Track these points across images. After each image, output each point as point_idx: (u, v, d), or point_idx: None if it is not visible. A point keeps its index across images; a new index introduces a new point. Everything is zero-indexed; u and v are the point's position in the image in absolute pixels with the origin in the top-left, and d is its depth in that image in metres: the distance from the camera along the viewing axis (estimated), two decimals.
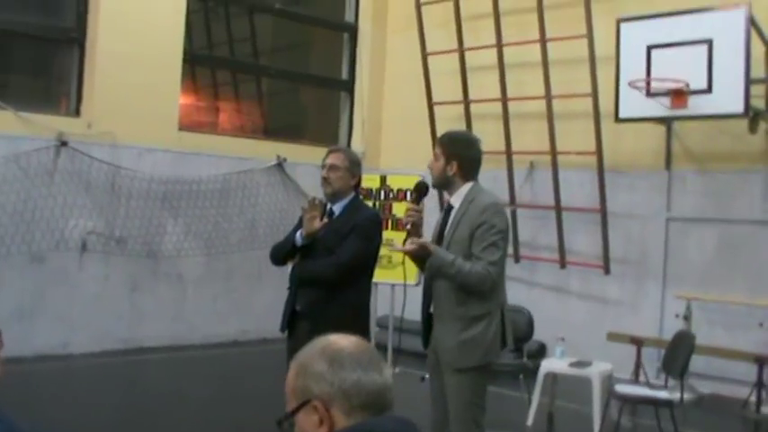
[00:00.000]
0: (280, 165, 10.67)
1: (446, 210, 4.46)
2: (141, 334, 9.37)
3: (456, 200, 4.39)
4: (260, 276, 10.18)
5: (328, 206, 4.74)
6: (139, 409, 7.04)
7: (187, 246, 9.81)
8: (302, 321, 4.63)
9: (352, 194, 4.79)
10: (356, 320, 4.59)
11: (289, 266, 4.82)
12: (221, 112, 11.69)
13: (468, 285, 4.17)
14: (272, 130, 11.57)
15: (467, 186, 4.38)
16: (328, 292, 4.55)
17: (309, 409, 1.78)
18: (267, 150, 10.67)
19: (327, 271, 4.54)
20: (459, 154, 4.40)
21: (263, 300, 10.10)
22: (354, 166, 4.78)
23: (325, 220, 4.62)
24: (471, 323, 4.23)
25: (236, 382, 8.30)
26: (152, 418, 6.74)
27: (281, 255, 4.85)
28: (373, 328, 9.13)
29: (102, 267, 9.11)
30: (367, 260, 4.71)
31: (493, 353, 4.30)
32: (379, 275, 8.59)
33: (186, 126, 10.07)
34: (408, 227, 4.30)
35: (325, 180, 4.71)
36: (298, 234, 4.67)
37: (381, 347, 8.97)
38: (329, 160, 4.73)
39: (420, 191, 4.45)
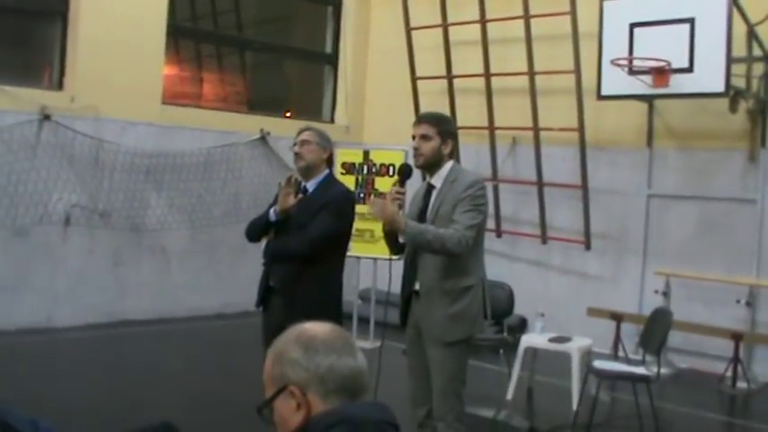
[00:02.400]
0: (263, 138, 10.66)
1: (426, 189, 4.52)
2: (125, 307, 9.38)
3: (437, 180, 4.47)
4: (243, 250, 10.08)
5: (302, 184, 4.78)
6: (123, 381, 7.08)
7: (171, 219, 9.82)
8: (276, 297, 4.70)
9: (326, 171, 4.82)
10: (327, 296, 4.66)
11: (263, 243, 4.85)
12: (205, 85, 11.65)
13: (444, 249, 4.24)
14: (255, 103, 11.54)
15: (448, 165, 4.48)
16: (300, 268, 4.58)
17: (287, 395, 1.83)
18: (251, 124, 10.66)
19: (299, 247, 4.57)
20: (452, 132, 4.52)
21: (247, 273, 10.05)
22: (325, 140, 4.82)
23: (300, 196, 4.68)
24: (458, 297, 4.35)
25: (219, 354, 8.37)
26: (135, 390, 6.80)
27: (255, 231, 4.88)
28: (356, 302, 9.22)
29: (85, 241, 9.12)
30: (339, 236, 4.73)
31: (478, 326, 4.44)
32: (362, 250, 8.75)
33: (170, 99, 10.04)
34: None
35: (298, 155, 4.74)
36: (272, 210, 4.73)
37: (364, 320, 9.05)
38: (300, 137, 4.79)
39: (404, 174, 4.51)
